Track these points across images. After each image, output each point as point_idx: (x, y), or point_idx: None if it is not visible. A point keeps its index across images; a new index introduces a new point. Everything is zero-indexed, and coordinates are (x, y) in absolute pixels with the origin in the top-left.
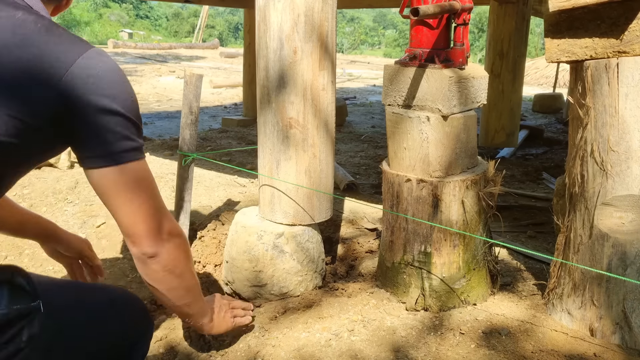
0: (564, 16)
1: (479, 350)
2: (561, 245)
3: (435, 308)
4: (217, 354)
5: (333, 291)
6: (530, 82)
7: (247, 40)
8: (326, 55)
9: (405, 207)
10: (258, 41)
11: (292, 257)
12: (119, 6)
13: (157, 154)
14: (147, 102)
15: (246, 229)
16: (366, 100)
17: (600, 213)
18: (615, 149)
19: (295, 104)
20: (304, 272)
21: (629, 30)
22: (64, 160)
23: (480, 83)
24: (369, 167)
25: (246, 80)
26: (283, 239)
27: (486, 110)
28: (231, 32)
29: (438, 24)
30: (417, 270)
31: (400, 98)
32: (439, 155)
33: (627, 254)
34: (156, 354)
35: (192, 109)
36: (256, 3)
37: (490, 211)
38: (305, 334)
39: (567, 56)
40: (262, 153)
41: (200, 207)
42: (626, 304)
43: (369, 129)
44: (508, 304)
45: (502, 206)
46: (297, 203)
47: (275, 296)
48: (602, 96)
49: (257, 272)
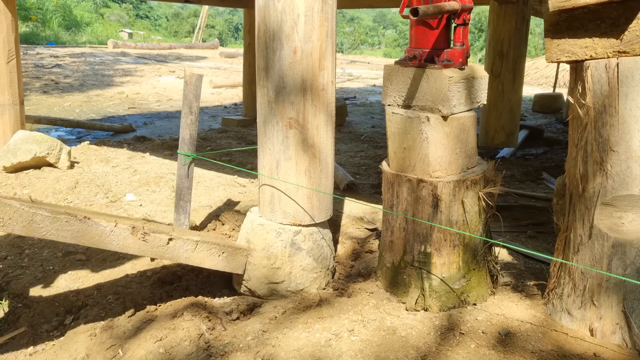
0: (564, 16)
1: (478, 350)
2: (561, 245)
3: (435, 308)
4: (217, 353)
5: (333, 291)
6: (530, 82)
7: (247, 40)
8: (326, 55)
9: (405, 207)
10: (258, 41)
11: (308, 254)
12: (119, 6)
13: (157, 154)
14: (147, 102)
15: (264, 227)
16: (366, 100)
17: (600, 213)
18: (615, 149)
19: (295, 104)
20: (319, 270)
21: (629, 30)
22: (64, 160)
23: (480, 83)
24: (369, 167)
25: (246, 80)
26: (301, 235)
27: (486, 110)
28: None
29: (438, 24)
30: (417, 270)
31: (400, 98)
32: (438, 155)
33: (627, 254)
34: (156, 354)
35: (192, 109)
36: (256, 3)
37: (490, 211)
38: (305, 333)
39: (567, 56)
40: (262, 153)
41: (200, 207)
42: (626, 304)
43: (369, 129)
44: (508, 304)
45: (502, 206)
46: (297, 203)
47: (291, 293)
48: (602, 96)
49: (275, 269)
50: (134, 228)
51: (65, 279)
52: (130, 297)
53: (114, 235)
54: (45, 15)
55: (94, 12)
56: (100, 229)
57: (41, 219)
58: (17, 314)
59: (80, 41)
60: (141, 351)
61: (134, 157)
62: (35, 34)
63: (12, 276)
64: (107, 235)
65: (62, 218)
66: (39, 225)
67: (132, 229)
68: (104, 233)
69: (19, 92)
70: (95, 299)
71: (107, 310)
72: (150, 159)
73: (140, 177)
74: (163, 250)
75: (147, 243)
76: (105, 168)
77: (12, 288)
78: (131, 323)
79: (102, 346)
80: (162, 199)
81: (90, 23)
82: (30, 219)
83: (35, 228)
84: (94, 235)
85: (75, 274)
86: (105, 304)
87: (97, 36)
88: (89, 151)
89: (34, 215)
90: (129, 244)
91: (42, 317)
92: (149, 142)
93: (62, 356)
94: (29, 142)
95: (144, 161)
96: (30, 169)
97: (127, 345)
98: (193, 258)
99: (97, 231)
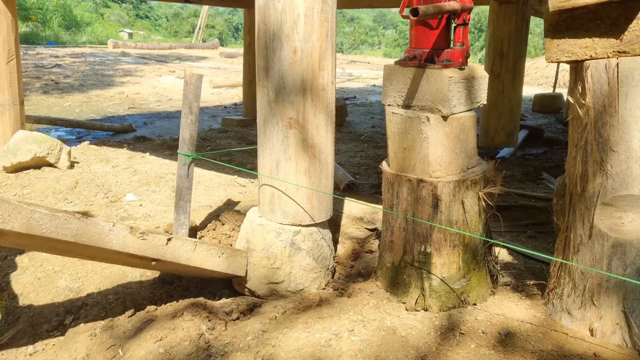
0: (563, 16)
1: (478, 350)
2: (561, 245)
3: (435, 308)
4: (217, 353)
5: (333, 291)
6: (530, 82)
7: (247, 40)
8: (326, 56)
9: (405, 207)
10: (258, 41)
11: (308, 254)
12: (119, 6)
13: (157, 154)
14: (147, 102)
15: (264, 227)
16: (366, 100)
17: (600, 213)
18: (615, 149)
19: (295, 104)
20: (319, 269)
21: (629, 30)
22: (64, 160)
23: (480, 83)
24: (369, 167)
25: (246, 80)
26: (300, 235)
27: (486, 110)
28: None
29: (438, 24)
30: (417, 270)
31: (400, 98)
32: (438, 155)
33: (627, 254)
34: (156, 354)
35: (192, 109)
36: (256, 3)
37: (490, 211)
38: (305, 333)
39: (567, 56)
40: (262, 153)
41: (200, 207)
42: (626, 304)
43: (369, 129)
44: (508, 304)
45: (502, 206)
46: (297, 203)
47: (291, 293)
48: (602, 96)
49: (274, 269)
50: (131, 228)
51: (65, 279)
52: (130, 297)
53: (112, 235)
54: (45, 15)
55: (94, 12)
56: (99, 228)
57: (40, 217)
58: (17, 314)
59: (80, 41)
60: (141, 351)
61: (134, 157)
62: (35, 34)
63: (12, 276)
64: (106, 234)
65: (61, 216)
66: (38, 223)
67: (130, 229)
68: (103, 232)
69: (19, 92)
70: (95, 299)
71: (107, 310)
72: (150, 159)
73: (140, 177)
74: (163, 250)
75: (146, 242)
76: (105, 168)
77: (12, 288)
78: (131, 323)
79: (102, 346)
80: (162, 199)
81: (90, 23)
82: (29, 217)
83: (34, 225)
84: (93, 234)
85: (75, 274)
86: (105, 304)
87: (97, 36)
88: (89, 151)
89: (33, 212)
90: (129, 243)
91: (42, 317)
92: (149, 142)
93: (62, 356)
94: (29, 142)
95: (144, 161)
96: (30, 169)
97: (127, 345)
98: (194, 259)
99: (95, 230)
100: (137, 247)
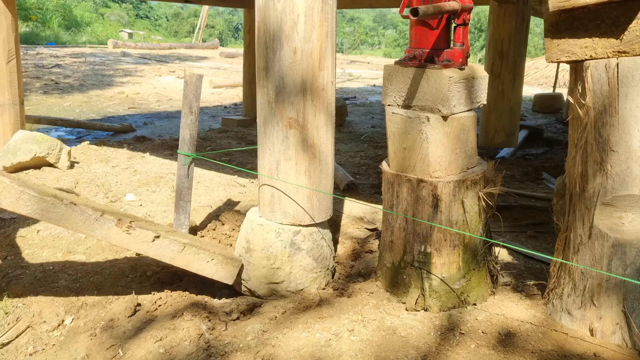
0: (563, 16)
1: (478, 350)
2: (561, 245)
3: (435, 308)
4: (217, 353)
5: (333, 291)
6: (530, 82)
7: (247, 40)
8: (326, 56)
9: (405, 207)
10: (258, 41)
11: (308, 254)
12: (119, 6)
13: (157, 154)
14: (147, 102)
15: (264, 227)
16: (366, 100)
17: (600, 213)
18: (615, 149)
19: (295, 104)
20: (319, 269)
21: (629, 30)
22: (64, 160)
23: (480, 83)
24: (369, 167)
25: (246, 80)
26: (300, 235)
27: (486, 110)
28: (231, 32)
29: (438, 24)
30: (417, 270)
31: (400, 98)
32: (438, 155)
33: (627, 254)
34: (156, 354)
35: (192, 109)
36: (256, 3)
37: (490, 211)
38: (305, 333)
39: (567, 56)
40: (262, 153)
41: (200, 207)
42: (626, 304)
43: (369, 129)
44: (508, 304)
45: (502, 206)
46: (297, 203)
47: (291, 293)
48: (602, 96)
49: (274, 269)
50: (119, 220)
51: (65, 279)
52: (130, 297)
53: (97, 224)
54: (45, 15)
55: (94, 12)
56: (85, 216)
57: (28, 198)
58: (17, 314)
59: (80, 41)
60: (141, 351)
61: (134, 157)
62: (35, 34)
63: (12, 276)
64: (90, 223)
65: (49, 200)
66: (26, 204)
67: (118, 221)
68: (88, 220)
69: (19, 92)
70: (95, 299)
71: (107, 310)
72: (150, 159)
73: (140, 177)
74: (147, 246)
75: (130, 236)
76: (105, 168)
77: (12, 288)
78: (131, 323)
79: (102, 346)
80: (162, 199)
81: (90, 23)
82: (17, 197)
83: (21, 205)
84: (78, 221)
85: (75, 274)
86: (105, 303)
87: (97, 36)
88: (89, 151)
89: (22, 193)
90: (112, 235)
91: (42, 317)
92: (149, 142)
93: (62, 356)
94: (29, 142)
95: (144, 161)
96: (30, 169)
97: (127, 345)
98: (178, 260)
99: (81, 217)
100: (120, 240)
